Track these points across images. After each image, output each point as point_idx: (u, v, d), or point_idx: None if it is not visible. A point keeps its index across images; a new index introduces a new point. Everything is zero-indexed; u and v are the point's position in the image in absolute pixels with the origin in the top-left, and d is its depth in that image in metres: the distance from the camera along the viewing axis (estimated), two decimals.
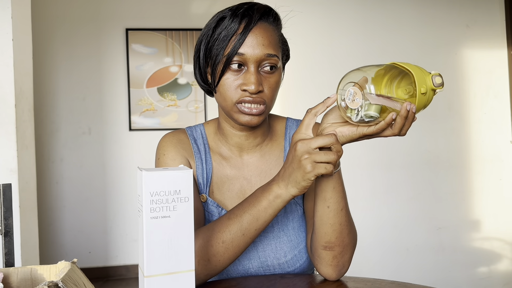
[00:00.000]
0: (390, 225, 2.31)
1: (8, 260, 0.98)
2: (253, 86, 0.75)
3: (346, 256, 0.78)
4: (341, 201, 0.74)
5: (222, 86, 0.79)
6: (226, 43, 0.77)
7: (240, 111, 0.78)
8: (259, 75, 0.77)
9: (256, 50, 0.76)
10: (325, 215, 0.75)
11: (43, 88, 3.16)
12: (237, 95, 0.77)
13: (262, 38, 0.77)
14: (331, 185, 0.73)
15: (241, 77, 0.77)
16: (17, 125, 1.78)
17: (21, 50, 1.85)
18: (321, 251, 0.77)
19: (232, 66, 0.77)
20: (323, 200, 0.74)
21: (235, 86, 0.77)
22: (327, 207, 0.74)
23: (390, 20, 2.32)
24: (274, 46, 0.78)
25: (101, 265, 3.20)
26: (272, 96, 0.80)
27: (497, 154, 2.42)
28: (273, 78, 0.79)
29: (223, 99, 0.79)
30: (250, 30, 0.76)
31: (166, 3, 3.31)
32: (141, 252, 0.57)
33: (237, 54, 0.76)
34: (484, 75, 2.42)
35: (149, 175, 0.56)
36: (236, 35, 0.76)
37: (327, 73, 2.23)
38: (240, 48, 0.76)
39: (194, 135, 0.90)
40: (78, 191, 3.21)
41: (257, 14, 0.78)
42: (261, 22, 0.78)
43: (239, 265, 0.85)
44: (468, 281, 2.39)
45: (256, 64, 0.77)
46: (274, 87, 0.79)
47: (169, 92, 3.29)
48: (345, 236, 0.76)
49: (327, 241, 0.76)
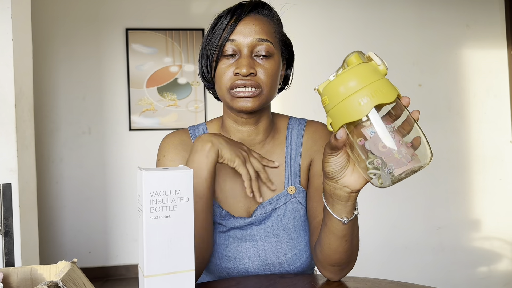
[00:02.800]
0: (390, 224, 2.31)
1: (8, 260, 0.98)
2: (244, 68, 0.77)
3: (352, 265, 0.79)
4: (355, 229, 0.74)
5: (217, 75, 0.82)
6: (220, 35, 0.80)
7: (234, 97, 0.79)
8: (252, 60, 0.79)
9: (248, 36, 0.79)
10: (341, 247, 0.73)
11: (43, 88, 3.16)
12: (230, 80, 0.79)
13: (253, 25, 0.80)
14: (354, 223, 0.72)
15: (234, 64, 0.80)
16: (17, 125, 1.78)
17: (21, 50, 1.85)
18: (328, 266, 0.78)
19: (225, 52, 0.79)
20: (342, 237, 0.72)
21: (229, 72, 0.80)
22: (345, 241, 0.73)
23: (390, 20, 2.32)
24: (267, 33, 0.80)
25: (101, 265, 3.20)
26: (269, 83, 0.80)
27: (497, 154, 2.42)
28: (268, 64, 0.80)
29: (219, 88, 0.82)
30: (241, 19, 0.80)
31: (166, 3, 3.31)
32: (141, 252, 0.57)
33: (228, 41, 0.79)
34: (484, 75, 2.41)
35: (149, 175, 0.56)
36: (228, 26, 0.80)
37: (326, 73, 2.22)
38: (231, 35, 0.79)
39: (197, 135, 0.91)
40: (78, 191, 3.21)
41: (248, 7, 0.81)
42: (253, 13, 0.82)
43: (239, 263, 0.85)
44: (468, 281, 2.39)
45: (249, 49, 0.79)
46: (270, 73, 0.80)
47: (169, 92, 3.29)
48: (354, 254, 0.77)
49: (337, 263, 0.76)
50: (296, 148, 0.89)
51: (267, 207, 0.86)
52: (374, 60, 0.56)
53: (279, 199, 0.87)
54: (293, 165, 0.88)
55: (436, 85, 2.35)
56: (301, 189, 0.88)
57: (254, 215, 0.86)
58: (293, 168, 0.88)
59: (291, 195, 0.87)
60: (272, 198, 0.87)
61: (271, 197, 0.87)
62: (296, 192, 0.88)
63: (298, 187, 0.88)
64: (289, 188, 0.87)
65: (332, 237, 0.73)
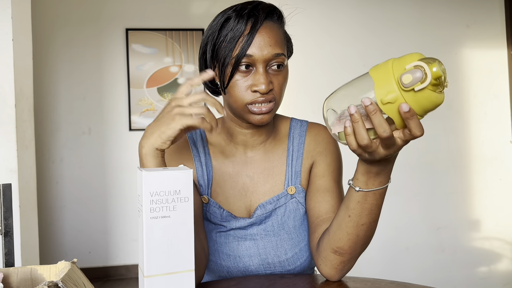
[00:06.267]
0: (390, 225, 2.31)
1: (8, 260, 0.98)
2: (263, 86, 0.76)
3: (353, 262, 0.79)
4: (365, 217, 0.73)
5: (232, 88, 0.79)
6: (234, 45, 0.77)
7: (251, 112, 0.78)
8: (268, 75, 0.78)
9: (264, 51, 0.76)
10: (344, 223, 0.74)
11: (43, 88, 3.16)
12: (249, 96, 0.77)
13: (269, 39, 0.77)
14: (355, 198, 0.71)
15: (250, 78, 0.78)
16: (17, 125, 1.78)
17: (21, 50, 1.85)
18: (330, 253, 0.77)
19: (240, 67, 0.77)
20: (346, 208, 0.73)
21: (246, 87, 0.78)
22: (348, 216, 0.73)
23: (390, 20, 2.32)
24: (281, 44, 0.79)
25: (101, 265, 3.20)
26: (281, 93, 0.81)
27: (497, 154, 2.42)
28: (281, 76, 0.80)
29: (234, 100, 0.79)
30: (257, 31, 0.77)
31: (166, 3, 3.31)
32: (141, 252, 0.57)
33: (246, 56, 0.76)
34: (484, 75, 2.42)
35: (149, 175, 0.56)
36: (243, 36, 0.76)
37: (327, 73, 2.23)
38: (248, 49, 0.76)
39: (194, 137, 0.90)
40: (78, 191, 3.21)
41: (262, 14, 0.78)
42: (266, 21, 0.78)
43: (239, 262, 0.85)
44: (468, 281, 2.39)
45: (264, 64, 0.77)
46: (282, 84, 0.80)
47: (169, 92, 3.29)
48: (358, 247, 0.76)
49: (339, 247, 0.76)
50: (298, 149, 0.90)
51: (268, 207, 0.86)
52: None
53: (279, 199, 0.87)
54: (295, 166, 0.89)
55: None
56: (301, 189, 0.88)
57: (255, 215, 0.86)
58: (294, 169, 0.89)
59: (291, 195, 0.88)
60: (272, 198, 0.87)
61: (271, 197, 0.87)
62: (296, 192, 0.88)
63: (298, 187, 0.88)
64: (289, 188, 0.88)
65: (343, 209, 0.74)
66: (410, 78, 0.53)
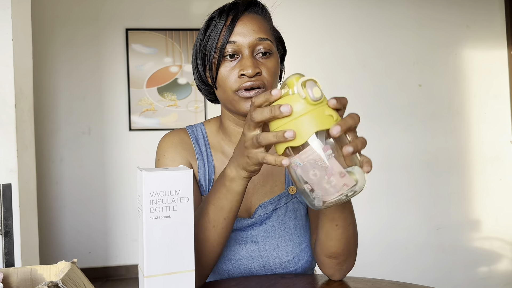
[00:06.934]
0: (390, 225, 2.31)
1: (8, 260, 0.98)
2: (250, 69, 0.75)
3: (351, 260, 0.78)
4: (349, 216, 0.73)
5: (220, 79, 0.79)
6: (217, 38, 0.78)
7: (241, 98, 0.77)
8: (255, 59, 0.77)
9: (248, 36, 0.77)
10: (332, 231, 0.73)
11: (43, 88, 3.16)
12: (236, 83, 0.77)
13: (251, 25, 0.78)
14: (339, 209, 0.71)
15: (237, 65, 0.78)
16: (17, 125, 1.78)
17: (21, 50, 1.85)
18: (325, 258, 0.77)
19: (226, 56, 0.77)
20: (331, 220, 0.72)
21: (233, 75, 0.77)
22: (336, 225, 0.72)
23: (390, 20, 2.32)
24: (265, 31, 0.79)
25: (101, 265, 3.20)
26: (272, 81, 0.79)
27: (497, 154, 2.42)
28: (270, 63, 0.79)
29: (223, 91, 0.79)
30: (238, 19, 0.78)
31: (166, 3, 3.31)
32: (141, 252, 0.57)
33: (229, 43, 0.77)
34: (484, 75, 2.41)
35: (149, 175, 0.56)
36: (225, 27, 0.78)
37: (325, 73, 2.23)
38: (231, 37, 0.77)
39: (196, 135, 0.90)
40: (78, 191, 3.21)
41: (242, 6, 0.79)
42: (248, 12, 0.80)
43: (240, 265, 0.85)
44: (468, 281, 2.39)
45: (250, 49, 0.77)
46: (272, 71, 0.79)
47: (169, 92, 3.29)
48: (351, 246, 0.76)
49: (333, 252, 0.76)
50: None
51: (268, 207, 0.86)
52: (300, 92, 0.54)
53: (280, 199, 0.87)
54: None
55: (436, 85, 2.35)
56: None
57: (255, 215, 0.86)
58: None
59: (292, 195, 0.87)
60: (273, 198, 0.87)
61: (272, 197, 0.87)
62: (297, 192, 0.87)
63: None
64: (290, 188, 0.87)
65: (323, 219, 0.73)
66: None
